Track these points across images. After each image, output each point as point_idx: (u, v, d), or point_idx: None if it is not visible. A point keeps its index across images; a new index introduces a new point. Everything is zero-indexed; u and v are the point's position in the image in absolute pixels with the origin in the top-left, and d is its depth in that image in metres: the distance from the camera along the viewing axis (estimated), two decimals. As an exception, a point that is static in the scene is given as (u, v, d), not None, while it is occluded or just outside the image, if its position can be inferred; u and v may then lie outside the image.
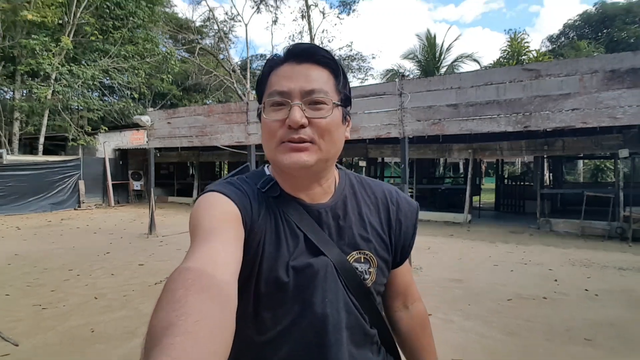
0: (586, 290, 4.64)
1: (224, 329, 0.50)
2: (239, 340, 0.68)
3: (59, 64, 13.91)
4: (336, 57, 0.79)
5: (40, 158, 13.80)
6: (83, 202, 13.92)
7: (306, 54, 0.76)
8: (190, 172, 19.88)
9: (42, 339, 3.30)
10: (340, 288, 0.78)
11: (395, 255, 0.89)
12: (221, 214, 0.72)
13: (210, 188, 0.79)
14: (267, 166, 0.89)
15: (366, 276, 0.82)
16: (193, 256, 0.62)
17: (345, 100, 0.81)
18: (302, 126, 0.73)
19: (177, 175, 18.57)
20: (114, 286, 4.83)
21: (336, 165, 0.89)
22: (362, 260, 0.82)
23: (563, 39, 27.73)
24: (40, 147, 14.67)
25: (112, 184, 15.12)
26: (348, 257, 0.80)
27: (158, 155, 14.81)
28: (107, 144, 15.57)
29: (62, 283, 4.94)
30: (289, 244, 0.77)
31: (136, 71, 16.53)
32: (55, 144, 16.87)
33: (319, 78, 0.75)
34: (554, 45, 27.13)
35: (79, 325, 3.61)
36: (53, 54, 13.77)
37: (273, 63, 0.79)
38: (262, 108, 0.78)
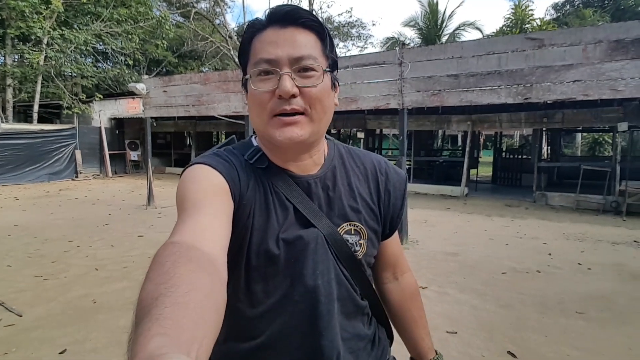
0: (579, 264, 4.73)
1: (214, 300, 0.48)
2: (232, 315, 0.72)
3: (50, 27, 13.49)
4: (324, 21, 0.76)
5: (35, 127, 13.62)
6: (80, 173, 13.88)
7: (290, 16, 0.71)
8: (188, 142, 19.72)
9: (44, 310, 3.36)
10: (331, 259, 0.77)
11: (384, 226, 0.88)
12: (208, 187, 0.69)
13: (196, 160, 0.75)
14: (254, 137, 0.85)
15: (357, 248, 0.81)
16: (180, 230, 0.60)
17: (333, 64, 0.77)
18: (294, 96, 0.70)
19: (175, 145, 18.42)
20: (114, 257, 4.88)
21: (325, 136, 0.85)
22: (353, 232, 0.81)
23: (568, 6, 26.97)
24: (35, 115, 14.46)
25: (109, 154, 15.02)
26: (339, 228, 0.79)
27: (155, 124, 14.64)
28: (103, 113, 15.34)
29: (62, 254, 4.99)
30: (278, 215, 0.76)
31: (130, 36, 16.07)
32: (50, 112, 16.60)
33: (306, 43, 0.71)
34: (559, 14, 26.41)
35: (80, 296, 3.67)
36: (44, 17, 13.33)
37: (255, 28, 0.74)
38: (248, 79, 0.74)
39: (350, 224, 0.80)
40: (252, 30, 0.74)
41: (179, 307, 0.42)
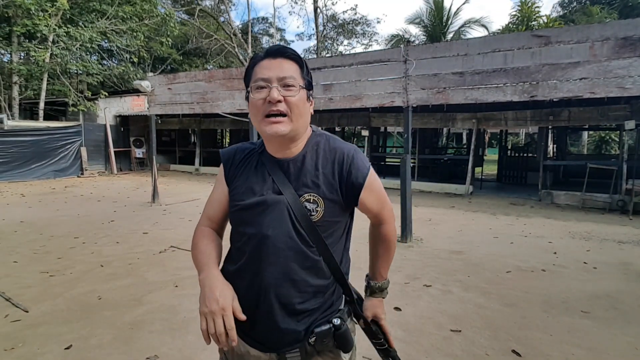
0: (585, 263, 4.70)
1: (217, 246, 1.18)
2: (231, 246, 1.19)
3: (56, 25, 13.54)
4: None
5: (41, 124, 13.69)
6: (86, 170, 13.94)
7: (279, 51, 1.06)
8: (192, 139, 19.75)
9: (50, 306, 3.39)
10: (286, 218, 1.05)
11: (346, 197, 1.11)
12: (219, 173, 1.23)
13: (221, 152, 1.26)
14: None
15: (313, 213, 1.06)
16: (202, 216, 1.24)
17: (308, 84, 1.10)
18: (279, 101, 1.02)
19: (179, 142, 18.47)
20: (119, 254, 4.91)
21: (313, 130, 1.17)
22: (311, 200, 1.07)
23: (575, 3, 26.72)
24: (41, 113, 14.52)
25: (114, 151, 15.08)
26: (300, 197, 1.07)
27: (159, 122, 14.68)
28: (108, 110, 15.40)
29: (68, 250, 5.03)
30: (259, 182, 1.11)
31: (135, 34, 16.09)
32: (56, 109, 16.69)
33: (289, 68, 1.05)
34: (565, 11, 26.15)
35: (86, 292, 3.70)
36: (49, 14, 13.37)
37: (256, 60, 1.09)
38: (250, 91, 1.07)
39: (309, 194, 1.07)
40: (254, 61, 1.09)
41: (204, 253, 1.13)
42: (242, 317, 1.02)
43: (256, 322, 1.09)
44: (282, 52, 1.06)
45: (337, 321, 1.09)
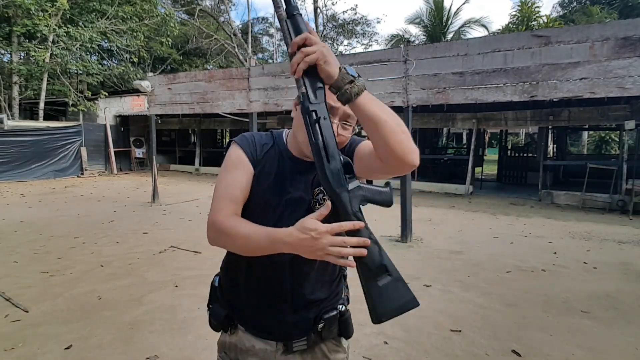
0: (585, 262, 4.70)
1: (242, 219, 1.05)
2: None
3: (55, 25, 13.53)
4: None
5: (41, 124, 13.69)
6: (86, 170, 13.94)
7: None
8: (192, 139, 19.75)
9: (50, 306, 3.39)
10: (301, 213, 0.99)
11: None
12: (234, 157, 1.10)
13: (234, 139, 1.16)
14: (285, 133, 1.18)
15: (321, 202, 1.07)
16: (222, 202, 1.06)
17: None
18: None
19: (179, 142, 18.46)
20: (119, 254, 4.91)
21: None
22: (321, 192, 1.07)
23: (575, 3, 26.71)
24: (41, 113, 14.52)
25: (114, 151, 15.08)
26: (313, 193, 1.08)
27: (159, 122, 14.67)
28: (108, 110, 15.40)
29: (68, 250, 5.03)
30: (284, 180, 1.09)
31: (135, 34, 16.08)
32: (56, 109, 16.68)
33: None
34: (565, 11, 26.14)
35: (86, 292, 3.70)
36: (49, 14, 13.37)
37: None
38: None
39: (318, 188, 1.08)
40: None
41: (251, 225, 0.99)
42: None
43: (267, 314, 1.11)
44: None
45: (342, 307, 1.14)
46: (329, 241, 0.85)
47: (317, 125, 0.89)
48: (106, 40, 16.16)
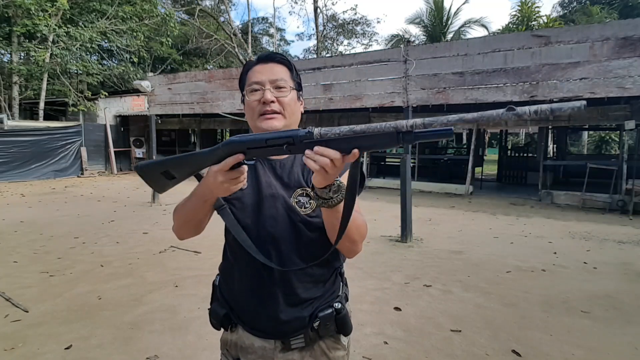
0: (585, 262, 4.70)
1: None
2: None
3: (55, 25, 13.54)
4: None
5: (41, 124, 13.70)
6: (86, 170, 13.95)
7: (270, 57, 1.15)
8: (192, 139, 19.75)
9: (50, 306, 3.39)
10: (283, 212, 1.08)
11: None
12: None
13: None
14: None
15: (307, 205, 1.10)
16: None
17: (298, 85, 1.17)
18: (272, 102, 1.08)
19: (179, 142, 18.46)
20: (119, 254, 4.91)
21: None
22: (304, 194, 1.11)
23: (575, 3, 26.72)
24: (41, 113, 14.53)
25: (115, 151, 15.08)
26: (294, 192, 1.10)
27: (159, 122, 14.67)
28: (108, 110, 15.40)
29: (68, 250, 5.03)
30: (254, 181, 1.12)
31: (135, 34, 16.09)
32: (56, 109, 16.69)
33: (279, 71, 1.12)
34: (565, 11, 26.15)
35: (86, 292, 3.70)
36: (49, 14, 13.38)
37: (249, 65, 1.17)
38: (245, 95, 1.14)
39: (302, 189, 1.11)
40: (247, 66, 1.17)
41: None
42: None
43: (261, 314, 1.14)
44: (272, 57, 1.15)
45: (338, 305, 1.16)
46: (224, 178, 0.93)
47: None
48: (106, 40, 16.17)
